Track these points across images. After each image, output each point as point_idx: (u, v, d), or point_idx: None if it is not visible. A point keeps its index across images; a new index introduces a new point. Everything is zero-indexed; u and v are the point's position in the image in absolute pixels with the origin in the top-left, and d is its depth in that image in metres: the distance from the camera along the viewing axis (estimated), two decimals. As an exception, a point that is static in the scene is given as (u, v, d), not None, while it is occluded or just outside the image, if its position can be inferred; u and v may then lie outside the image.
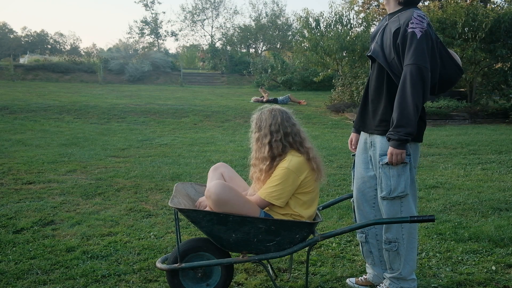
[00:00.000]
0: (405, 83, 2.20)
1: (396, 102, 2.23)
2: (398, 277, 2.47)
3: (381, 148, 2.35)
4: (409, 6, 2.34)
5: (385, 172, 2.32)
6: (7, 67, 21.22)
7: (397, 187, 2.31)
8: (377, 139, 2.39)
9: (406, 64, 2.21)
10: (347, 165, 6.23)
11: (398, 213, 2.36)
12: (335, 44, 13.79)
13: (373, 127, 2.41)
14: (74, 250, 3.16)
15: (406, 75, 2.20)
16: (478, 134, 9.42)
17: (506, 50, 12.15)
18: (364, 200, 2.55)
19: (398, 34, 2.24)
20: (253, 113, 2.62)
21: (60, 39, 63.37)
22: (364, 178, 2.52)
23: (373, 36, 2.48)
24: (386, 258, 2.48)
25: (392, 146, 2.24)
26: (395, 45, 2.26)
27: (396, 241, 2.41)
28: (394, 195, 2.32)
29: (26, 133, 8.88)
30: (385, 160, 2.31)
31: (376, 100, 2.41)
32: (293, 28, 33.94)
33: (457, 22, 11.80)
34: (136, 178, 5.37)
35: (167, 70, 24.96)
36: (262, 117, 2.55)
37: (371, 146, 2.45)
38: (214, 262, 2.40)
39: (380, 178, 2.36)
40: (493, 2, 18.90)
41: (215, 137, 9.00)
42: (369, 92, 2.48)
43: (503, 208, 4.18)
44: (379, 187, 2.38)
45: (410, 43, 2.20)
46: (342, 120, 12.03)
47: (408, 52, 2.20)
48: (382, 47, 2.34)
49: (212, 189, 2.32)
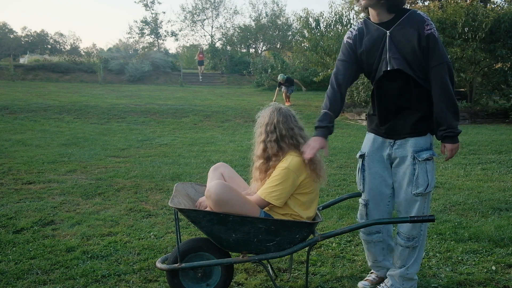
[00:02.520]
0: (446, 82, 2.29)
1: (443, 102, 2.30)
2: (404, 275, 2.48)
3: (416, 145, 2.38)
4: (402, 10, 2.34)
5: (422, 168, 2.36)
6: (7, 67, 21.22)
7: (432, 182, 2.39)
8: (410, 140, 2.40)
9: (436, 64, 2.28)
10: (347, 165, 6.23)
11: (427, 209, 2.42)
12: (335, 44, 13.78)
13: (406, 132, 2.41)
14: (74, 250, 3.16)
15: (442, 74, 2.28)
16: (478, 134, 9.42)
17: (506, 50, 12.15)
18: (382, 199, 2.54)
19: (421, 39, 2.27)
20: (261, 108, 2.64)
21: (60, 39, 63.41)
22: (382, 177, 2.51)
23: (369, 49, 2.39)
24: (401, 255, 2.49)
25: (451, 143, 2.34)
26: (421, 50, 2.28)
27: (417, 237, 2.45)
28: (430, 189, 2.38)
29: (26, 133, 8.88)
30: (424, 156, 2.35)
31: (408, 107, 2.40)
32: (293, 28, 33.94)
33: (457, 22, 11.80)
34: (136, 178, 5.37)
35: (167, 70, 24.96)
36: (263, 114, 2.56)
37: (398, 147, 2.44)
38: (214, 262, 2.40)
39: (416, 174, 2.36)
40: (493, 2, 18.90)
41: (215, 137, 9.00)
42: (393, 102, 2.42)
43: (503, 208, 4.18)
44: (413, 184, 2.37)
45: (434, 44, 2.28)
46: (342, 120, 12.04)
47: (435, 53, 2.28)
48: (405, 57, 2.32)
49: (212, 189, 2.32)
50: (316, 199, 2.54)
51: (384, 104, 2.46)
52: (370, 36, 2.39)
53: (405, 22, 2.31)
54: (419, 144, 2.37)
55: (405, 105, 2.40)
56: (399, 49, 2.32)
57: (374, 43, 2.38)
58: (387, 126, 2.46)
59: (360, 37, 2.43)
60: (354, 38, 2.45)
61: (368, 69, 2.45)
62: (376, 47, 2.37)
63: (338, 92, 2.47)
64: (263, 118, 2.54)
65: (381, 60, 2.37)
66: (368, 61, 2.42)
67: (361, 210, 2.61)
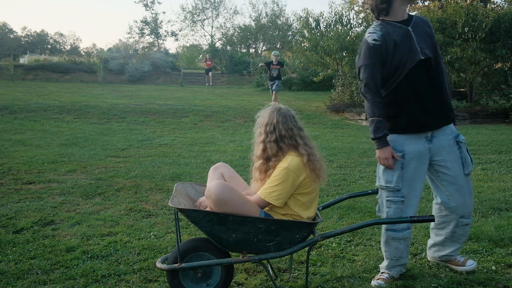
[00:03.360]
0: (446, 74, 2.69)
1: (448, 90, 2.65)
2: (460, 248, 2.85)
3: (452, 131, 2.65)
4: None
5: (464, 149, 2.64)
6: (7, 67, 21.24)
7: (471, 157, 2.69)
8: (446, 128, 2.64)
9: (440, 59, 2.64)
10: (347, 165, 6.23)
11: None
12: (335, 44, 13.79)
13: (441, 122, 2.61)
14: (74, 250, 3.16)
15: (444, 68, 2.67)
16: (478, 134, 9.42)
17: (506, 50, 12.14)
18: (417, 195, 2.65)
19: (432, 36, 2.61)
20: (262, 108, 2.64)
21: (60, 39, 63.41)
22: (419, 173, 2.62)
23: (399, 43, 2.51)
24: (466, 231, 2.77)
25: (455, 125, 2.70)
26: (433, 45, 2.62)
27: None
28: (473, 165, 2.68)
29: (26, 133, 8.88)
30: (462, 138, 2.64)
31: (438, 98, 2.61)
32: (293, 28, 33.92)
33: (457, 22, 11.80)
34: (136, 178, 5.37)
35: (167, 70, 24.98)
36: (263, 114, 2.56)
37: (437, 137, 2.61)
38: (214, 262, 2.40)
39: (463, 157, 2.62)
40: (493, 2, 18.89)
41: (215, 137, 9.00)
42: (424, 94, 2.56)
43: (503, 208, 4.18)
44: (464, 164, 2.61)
45: (436, 41, 2.66)
46: (342, 120, 12.04)
47: (437, 49, 2.65)
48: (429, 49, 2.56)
49: (212, 189, 2.32)
50: (316, 199, 2.54)
51: (415, 97, 2.57)
52: (397, 32, 2.54)
53: (416, 21, 2.60)
54: (453, 129, 2.65)
55: (435, 96, 2.59)
56: (424, 41, 2.55)
57: (402, 38, 2.53)
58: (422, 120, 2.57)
59: (387, 35, 2.54)
60: (381, 38, 2.53)
61: (396, 64, 2.53)
62: (405, 40, 2.52)
63: (379, 96, 2.57)
64: (262, 118, 2.54)
65: (412, 51, 2.51)
66: (399, 55, 2.52)
67: (395, 208, 2.60)
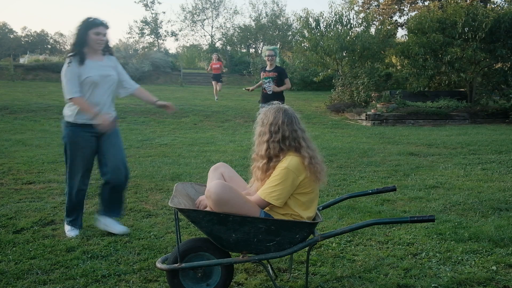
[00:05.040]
0: None
1: None
2: None
3: None
4: None
5: None
6: (7, 67, 21.20)
7: None
8: None
9: None
10: (347, 165, 6.23)
11: None
12: (335, 44, 13.79)
13: None
14: (74, 250, 3.16)
15: None
16: (478, 134, 9.42)
17: (506, 50, 12.16)
18: None
19: None
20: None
21: (60, 39, 63.28)
22: None
23: None
24: None
25: None
26: None
27: None
28: None
29: (26, 133, 8.88)
30: None
31: None
32: (293, 28, 33.89)
33: (457, 22, 11.82)
34: (136, 178, 5.37)
35: (167, 70, 24.95)
36: (268, 113, 2.53)
37: None
38: (214, 262, 2.40)
39: None
40: (493, 2, 18.89)
41: (215, 137, 9.00)
42: None
43: (503, 208, 4.18)
44: None
45: None
46: (342, 120, 12.04)
47: None
48: None
49: (212, 189, 2.32)
50: (316, 199, 2.54)
51: None
52: None
53: None
54: None
55: None
56: None
57: None
58: None
59: None
60: None
61: None
62: None
63: None
64: (267, 118, 2.51)
65: None
66: None
67: None
